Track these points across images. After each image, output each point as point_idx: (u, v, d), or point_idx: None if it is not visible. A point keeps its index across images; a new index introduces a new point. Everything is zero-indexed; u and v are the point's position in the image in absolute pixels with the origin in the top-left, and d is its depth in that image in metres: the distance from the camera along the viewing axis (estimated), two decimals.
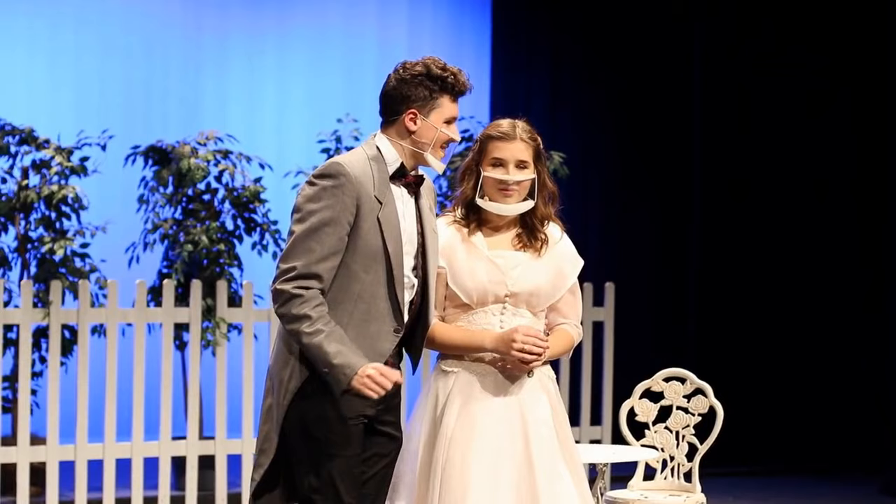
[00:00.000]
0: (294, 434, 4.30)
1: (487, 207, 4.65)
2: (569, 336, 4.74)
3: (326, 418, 4.28)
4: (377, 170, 4.35)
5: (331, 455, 4.27)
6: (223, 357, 8.10)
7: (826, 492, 9.79)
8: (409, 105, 4.38)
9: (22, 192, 8.31)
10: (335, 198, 4.24)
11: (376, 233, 4.30)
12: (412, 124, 4.39)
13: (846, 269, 10.99)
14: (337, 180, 4.26)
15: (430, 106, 4.39)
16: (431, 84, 4.39)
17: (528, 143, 4.62)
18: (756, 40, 10.90)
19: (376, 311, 4.31)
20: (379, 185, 4.33)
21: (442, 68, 4.40)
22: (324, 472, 4.26)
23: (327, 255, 4.24)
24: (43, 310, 7.80)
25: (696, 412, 6.16)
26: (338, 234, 4.25)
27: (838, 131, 10.98)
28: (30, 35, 10.29)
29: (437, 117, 4.40)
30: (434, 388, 4.63)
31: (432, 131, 4.40)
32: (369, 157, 4.36)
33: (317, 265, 4.23)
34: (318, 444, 4.28)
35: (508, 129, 4.63)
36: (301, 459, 4.31)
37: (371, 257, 4.30)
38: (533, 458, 4.53)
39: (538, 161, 4.65)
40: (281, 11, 10.92)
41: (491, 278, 4.59)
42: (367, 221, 4.28)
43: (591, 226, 10.81)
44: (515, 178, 4.60)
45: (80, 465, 7.80)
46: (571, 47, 11.04)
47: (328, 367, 4.21)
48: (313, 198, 4.26)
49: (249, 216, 8.70)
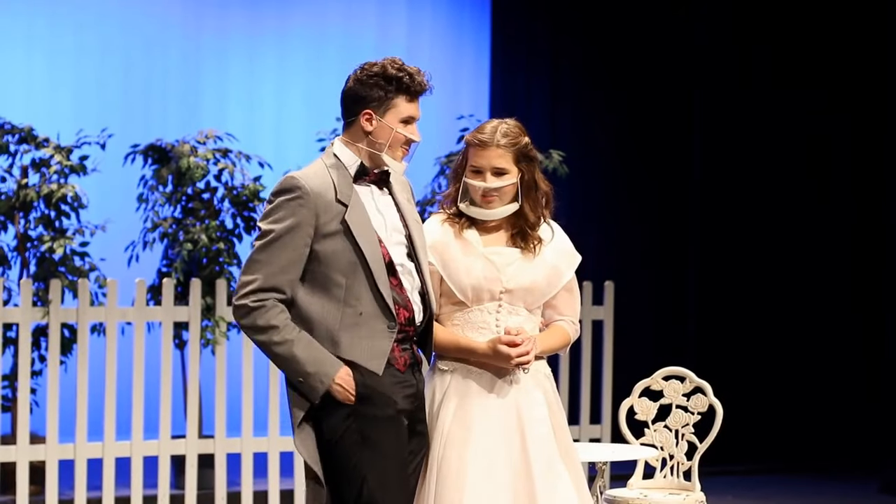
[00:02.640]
0: (340, 444, 4.28)
1: (469, 213, 4.65)
2: (564, 332, 4.73)
3: (374, 418, 4.27)
4: (337, 175, 4.35)
5: (381, 457, 4.27)
6: (223, 356, 8.10)
7: (826, 491, 9.79)
8: (364, 106, 4.38)
9: (21, 191, 8.30)
10: (290, 210, 4.27)
11: (346, 236, 4.30)
12: (368, 125, 4.39)
13: (846, 268, 10.99)
14: (293, 193, 4.28)
15: (386, 106, 4.38)
16: (386, 84, 4.37)
17: (506, 149, 4.59)
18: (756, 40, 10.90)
19: (365, 312, 4.31)
20: (341, 189, 4.33)
21: (398, 68, 4.38)
22: (371, 477, 4.26)
23: (286, 266, 4.27)
24: (42, 308, 7.80)
25: (696, 411, 6.15)
26: (295, 247, 4.27)
27: (838, 131, 10.98)
28: (29, 33, 10.29)
29: (392, 118, 4.39)
30: (431, 387, 4.62)
31: (388, 132, 4.39)
32: (328, 166, 4.38)
33: (275, 277, 4.27)
34: (371, 449, 4.27)
35: (487, 135, 4.61)
36: (350, 472, 4.28)
37: (347, 261, 4.30)
38: (530, 457, 4.53)
39: (521, 163, 4.61)
40: (281, 11, 10.92)
41: (486, 275, 4.59)
42: (332, 227, 4.29)
43: (590, 225, 10.80)
44: (492, 185, 4.59)
45: (80, 463, 7.79)
46: (571, 47, 11.04)
47: (302, 377, 4.24)
48: (270, 213, 4.31)
49: (249, 215, 8.70)
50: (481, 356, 4.56)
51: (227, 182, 8.71)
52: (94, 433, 7.88)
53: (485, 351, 4.55)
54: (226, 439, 8.06)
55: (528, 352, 4.52)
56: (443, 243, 4.63)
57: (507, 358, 4.52)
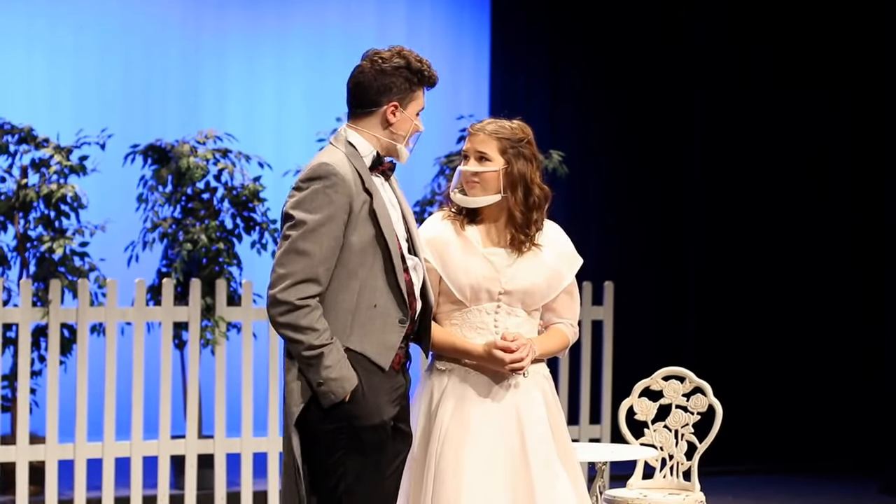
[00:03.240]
0: (326, 440, 4.27)
1: (455, 199, 4.67)
2: (563, 335, 4.73)
3: (362, 427, 4.26)
4: (357, 165, 4.32)
5: (367, 463, 4.26)
6: (222, 356, 8.10)
7: (826, 491, 9.79)
8: (390, 97, 4.34)
9: (21, 191, 8.30)
10: (328, 198, 4.20)
11: (370, 225, 4.26)
12: (392, 116, 4.36)
13: (846, 268, 10.98)
14: (329, 181, 4.21)
15: (409, 98, 4.37)
16: (411, 76, 4.35)
17: (492, 137, 4.61)
18: (756, 40, 10.89)
19: (379, 304, 4.28)
20: (363, 178, 4.30)
21: (419, 61, 4.38)
22: (354, 483, 4.25)
23: (326, 256, 4.20)
24: (42, 309, 7.80)
25: (696, 411, 6.15)
26: (334, 235, 4.21)
27: (838, 131, 10.98)
28: (29, 33, 10.29)
29: (412, 109, 4.39)
30: (429, 386, 4.63)
31: (408, 123, 4.38)
32: (347, 155, 4.32)
33: (315, 269, 4.18)
34: (356, 451, 4.26)
35: (481, 124, 4.67)
36: (331, 466, 4.27)
37: (366, 251, 4.26)
38: (529, 458, 4.53)
39: (507, 154, 4.61)
40: (280, 11, 10.92)
41: (485, 275, 4.59)
42: (361, 216, 4.25)
43: (590, 225, 10.80)
44: (473, 169, 4.60)
45: (80, 464, 7.79)
46: (571, 47, 11.04)
47: (324, 381, 4.18)
48: (305, 201, 4.21)
49: (249, 215, 8.70)
50: (476, 358, 4.57)
51: (227, 182, 8.71)
52: (93, 433, 7.88)
53: (480, 354, 4.55)
54: (225, 439, 8.06)
55: (523, 358, 4.52)
56: (442, 241, 4.63)
57: (501, 363, 4.52)
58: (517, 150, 4.62)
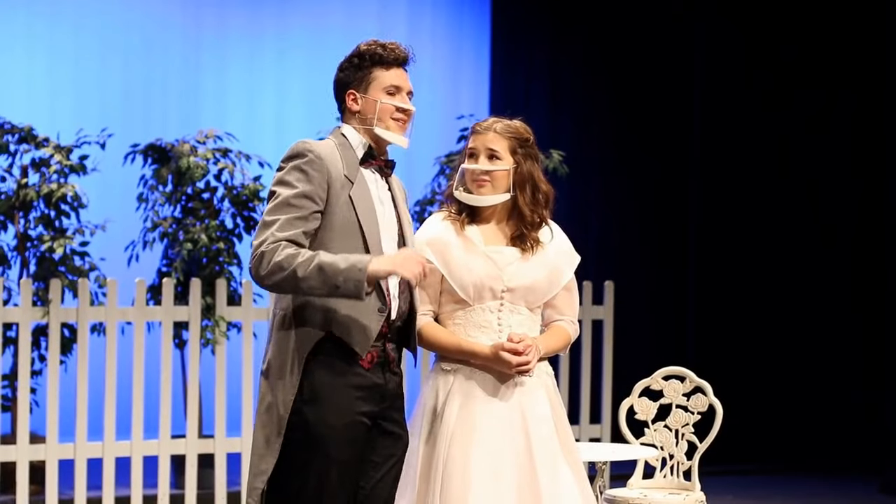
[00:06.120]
0: (296, 436, 4.25)
1: (461, 198, 4.67)
2: (565, 333, 4.75)
3: (326, 422, 4.23)
4: (345, 155, 4.36)
5: (327, 459, 4.24)
6: (223, 355, 8.10)
7: (826, 491, 9.79)
8: (347, 89, 4.43)
9: (21, 191, 8.30)
10: (304, 174, 4.25)
11: (349, 210, 4.28)
12: (354, 104, 4.42)
13: (846, 268, 10.99)
14: (304, 157, 4.27)
15: (367, 82, 4.41)
16: (361, 61, 4.42)
17: (502, 135, 4.63)
18: (756, 41, 10.90)
19: None
20: (348, 166, 4.34)
21: (369, 43, 4.44)
22: (312, 477, 4.23)
23: (297, 220, 4.20)
24: (42, 308, 7.80)
25: (696, 410, 6.15)
26: (309, 207, 4.23)
27: (838, 131, 10.98)
28: (29, 33, 10.29)
29: (375, 90, 4.41)
30: (434, 386, 4.63)
31: (373, 104, 4.41)
32: (337, 144, 4.38)
33: (285, 232, 4.19)
34: (316, 447, 4.23)
35: (488, 122, 4.68)
36: (295, 461, 4.25)
37: (346, 235, 4.27)
38: (534, 457, 4.54)
39: (517, 154, 4.63)
40: (280, 11, 10.92)
41: (488, 273, 4.60)
42: (339, 199, 4.28)
43: (590, 224, 10.81)
44: (484, 167, 4.61)
45: (80, 463, 7.80)
46: (571, 47, 11.04)
47: (340, 276, 4.13)
48: (282, 178, 4.27)
49: (249, 214, 8.71)
50: (482, 360, 4.57)
51: (227, 182, 8.72)
52: (93, 433, 7.88)
53: (486, 355, 4.56)
54: (226, 439, 8.06)
55: (530, 360, 4.53)
56: (444, 241, 4.64)
57: (508, 365, 4.53)
58: (525, 149, 4.65)
